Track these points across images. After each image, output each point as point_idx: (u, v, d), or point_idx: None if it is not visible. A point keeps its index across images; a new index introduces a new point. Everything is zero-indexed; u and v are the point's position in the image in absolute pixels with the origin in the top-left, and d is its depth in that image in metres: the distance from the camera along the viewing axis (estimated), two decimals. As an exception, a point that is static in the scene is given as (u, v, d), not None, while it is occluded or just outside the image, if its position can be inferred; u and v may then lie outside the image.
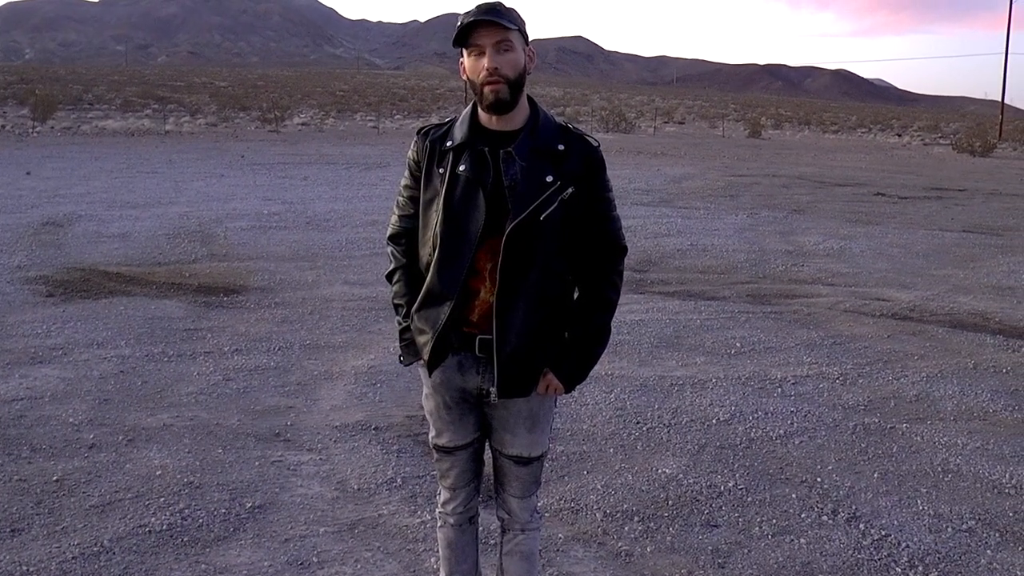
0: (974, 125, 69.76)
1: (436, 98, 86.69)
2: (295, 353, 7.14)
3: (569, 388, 2.95)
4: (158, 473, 4.84)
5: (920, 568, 4.19)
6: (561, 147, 2.84)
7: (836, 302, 9.69)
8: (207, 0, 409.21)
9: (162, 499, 4.53)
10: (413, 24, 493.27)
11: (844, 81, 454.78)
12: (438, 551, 3.35)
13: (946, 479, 5.23)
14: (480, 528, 3.32)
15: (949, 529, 4.60)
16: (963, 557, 4.33)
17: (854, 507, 4.79)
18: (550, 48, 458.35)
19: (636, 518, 4.56)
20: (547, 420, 3.06)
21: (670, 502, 4.76)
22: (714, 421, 5.99)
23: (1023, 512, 4.83)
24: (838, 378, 7.04)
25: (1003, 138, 54.07)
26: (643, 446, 5.50)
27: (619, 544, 4.30)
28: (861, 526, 4.58)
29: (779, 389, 6.71)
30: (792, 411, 6.23)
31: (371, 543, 4.20)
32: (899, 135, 63.86)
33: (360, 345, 7.43)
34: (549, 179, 2.79)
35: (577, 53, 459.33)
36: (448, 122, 2.97)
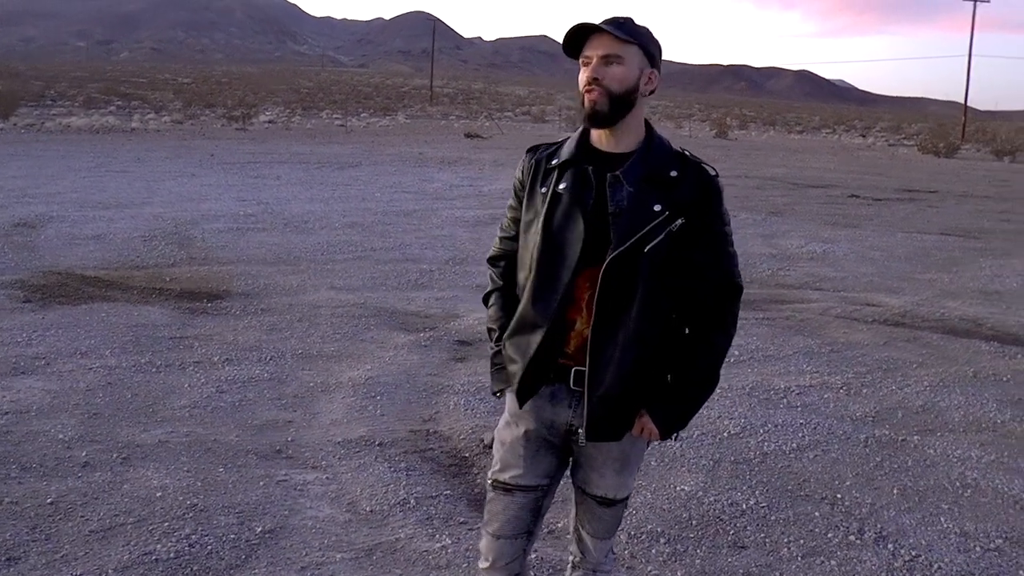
0: (936, 126, 70.55)
1: (401, 96, 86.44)
2: (288, 363, 6.92)
3: (665, 435, 2.73)
4: (158, 495, 4.62)
5: (956, 591, 4.08)
6: (674, 173, 2.65)
7: (827, 308, 9.61)
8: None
9: (166, 523, 4.31)
10: (377, 21, 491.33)
11: (806, 82, 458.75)
12: None
13: (966, 495, 5.13)
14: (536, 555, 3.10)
15: (978, 548, 4.50)
16: (997, 578, 4.22)
17: (879, 525, 4.67)
18: (514, 47, 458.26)
19: (662, 539, 4.40)
20: (637, 462, 2.86)
21: (694, 522, 4.61)
22: (725, 434, 5.85)
23: (1049, 529, 4.74)
24: (842, 388, 6.93)
25: (966, 139, 54.61)
26: (657, 461, 5.35)
27: (648, 568, 4.14)
28: (890, 546, 4.45)
29: (784, 400, 6.59)
30: (801, 423, 6.11)
31: (391, 570, 4.00)
32: (863, 136, 64.35)
33: (354, 355, 7.22)
34: (657, 208, 2.59)
35: (542, 52, 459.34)
36: (560, 141, 2.81)
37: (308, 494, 4.74)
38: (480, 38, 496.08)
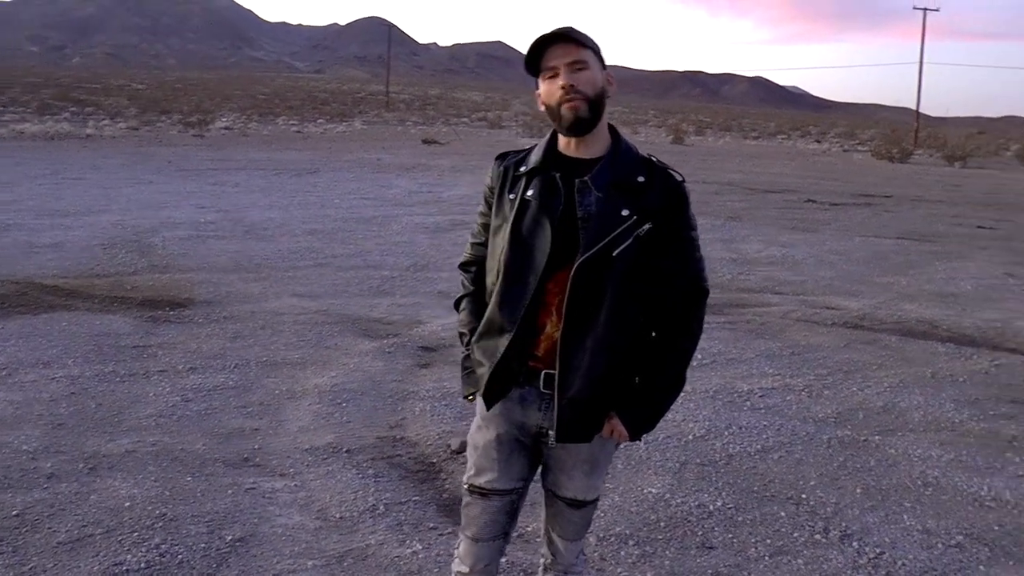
0: (889, 132, 71.39)
1: (357, 102, 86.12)
2: (252, 371, 6.89)
3: (634, 436, 2.78)
4: (127, 505, 4.59)
5: (920, 588, 4.16)
6: (641, 179, 2.68)
7: (788, 311, 9.72)
8: (125, 0, 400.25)
9: (135, 534, 4.29)
10: (333, 27, 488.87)
11: (761, 88, 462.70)
12: None
13: (927, 492, 5.22)
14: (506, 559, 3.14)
15: (940, 545, 4.58)
16: (959, 574, 4.31)
17: (844, 524, 4.75)
18: (470, 53, 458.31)
19: (631, 542, 4.45)
20: (606, 464, 2.90)
21: (662, 524, 4.66)
22: (690, 437, 5.91)
23: (1007, 525, 4.85)
24: (803, 390, 7.02)
25: (918, 145, 55.36)
26: (624, 464, 5.39)
27: (618, 570, 4.18)
28: (855, 544, 4.53)
29: (748, 402, 6.67)
30: (765, 425, 6.19)
31: (363, 576, 4.01)
32: (818, 141, 65.02)
33: (319, 361, 7.21)
34: (625, 213, 2.63)
35: (497, 58, 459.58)
36: (528, 148, 2.83)
37: (277, 502, 4.73)
38: (436, 44, 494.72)
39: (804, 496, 5.08)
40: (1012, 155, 51.90)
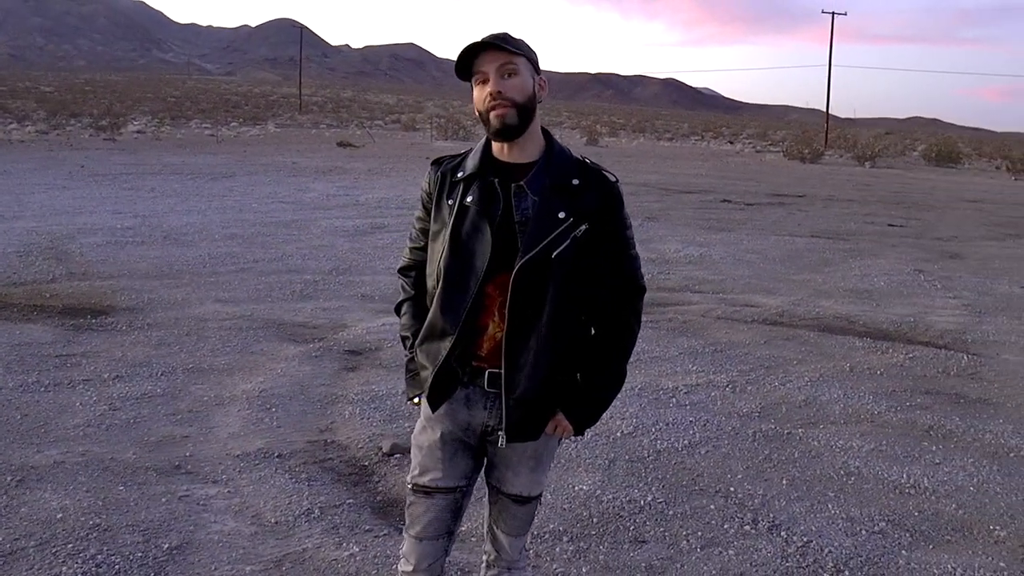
0: (800, 133, 72.95)
1: (270, 105, 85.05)
2: (179, 378, 6.82)
3: (579, 431, 2.86)
4: (59, 516, 4.52)
5: (846, 572, 4.32)
6: (576, 182, 2.74)
7: (708, 309, 9.92)
8: (26, 1, 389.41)
9: (70, 545, 4.22)
10: (244, 29, 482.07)
11: (673, 90, 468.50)
12: None
13: (850, 482, 5.40)
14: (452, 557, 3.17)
15: (863, 532, 4.75)
16: (882, 559, 4.47)
17: (771, 515, 4.89)
18: (383, 55, 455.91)
19: (565, 538, 4.53)
20: (549, 459, 2.97)
21: (594, 520, 4.75)
22: (619, 434, 6.01)
23: (926, 511, 5.04)
24: (727, 386, 7.18)
25: (828, 146, 56.63)
26: (554, 462, 5.46)
27: (554, 566, 4.25)
28: (783, 534, 4.67)
29: (673, 399, 6.80)
30: (691, 421, 6.33)
31: (303, 580, 4.02)
32: (731, 142, 66.12)
33: (245, 367, 7.16)
34: (562, 215, 2.69)
35: (409, 60, 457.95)
36: (463, 153, 2.87)
37: (211, 508, 4.70)
38: (348, 46, 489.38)
39: (732, 489, 5.22)
40: (918, 155, 53.55)
